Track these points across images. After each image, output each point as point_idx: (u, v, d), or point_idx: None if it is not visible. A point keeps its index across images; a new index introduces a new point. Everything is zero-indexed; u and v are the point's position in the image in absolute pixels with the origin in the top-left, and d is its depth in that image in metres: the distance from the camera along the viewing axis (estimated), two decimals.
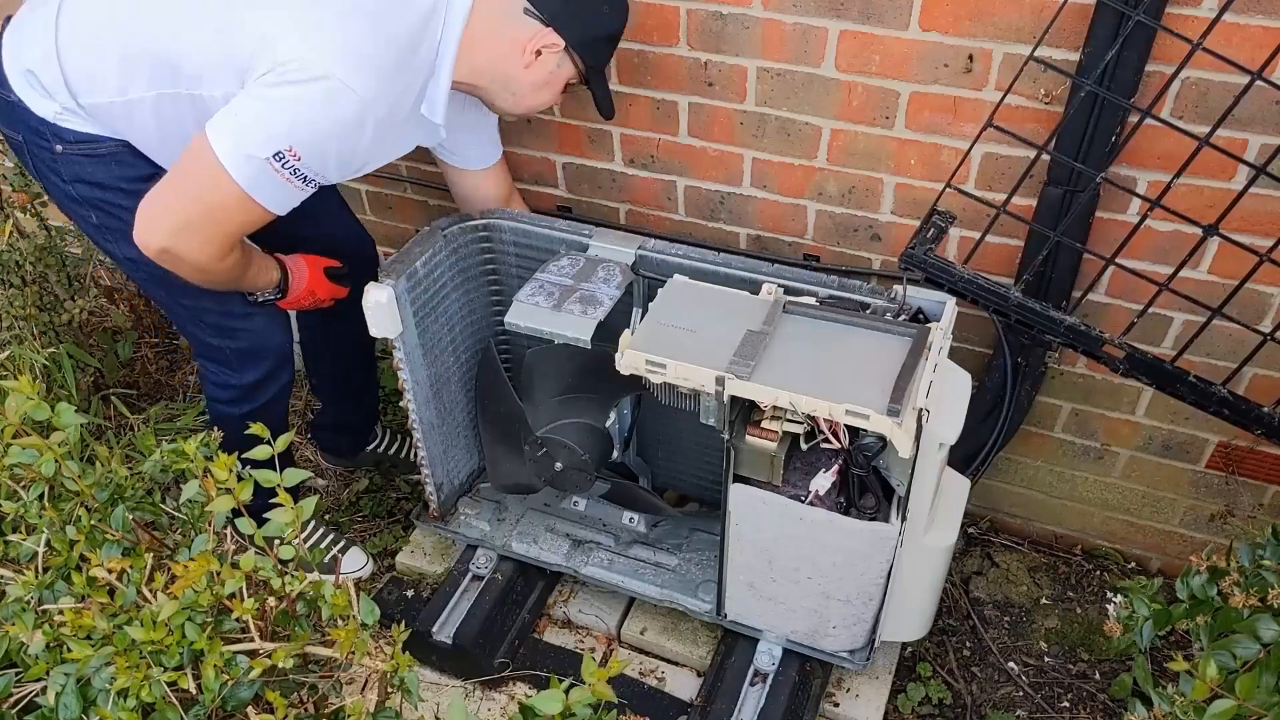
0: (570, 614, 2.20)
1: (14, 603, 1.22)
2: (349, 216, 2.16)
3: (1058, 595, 2.28)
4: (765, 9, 1.81)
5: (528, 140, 2.19)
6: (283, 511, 1.23)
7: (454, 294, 2.00)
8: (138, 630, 1.14)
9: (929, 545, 1.78)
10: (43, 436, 1.30)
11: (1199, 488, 2.14)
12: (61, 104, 1.65)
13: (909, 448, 1.51)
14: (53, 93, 1.64)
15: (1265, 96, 1.58)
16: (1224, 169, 1.67)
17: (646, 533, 2.15)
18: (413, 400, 1.96)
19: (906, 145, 1.87)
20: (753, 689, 1.94)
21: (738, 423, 1.66)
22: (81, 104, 1.64)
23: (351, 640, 1.18)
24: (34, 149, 1.71)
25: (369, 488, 2.55)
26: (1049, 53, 1.66)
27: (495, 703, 2.06)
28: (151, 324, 2.91)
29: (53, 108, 1.65)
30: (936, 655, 2.18)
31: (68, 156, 1.69)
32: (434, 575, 2.28)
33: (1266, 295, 1.81)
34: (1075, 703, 2.09)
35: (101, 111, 1.64)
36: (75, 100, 1.64)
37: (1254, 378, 1.92)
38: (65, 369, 2.45)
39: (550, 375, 2.01)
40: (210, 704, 1.15)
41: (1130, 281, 1.84)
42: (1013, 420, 2.12)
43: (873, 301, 1.73)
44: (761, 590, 1.88)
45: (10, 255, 2.43)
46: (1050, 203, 1.79)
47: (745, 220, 2.11)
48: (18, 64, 1.66)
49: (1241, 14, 1.54)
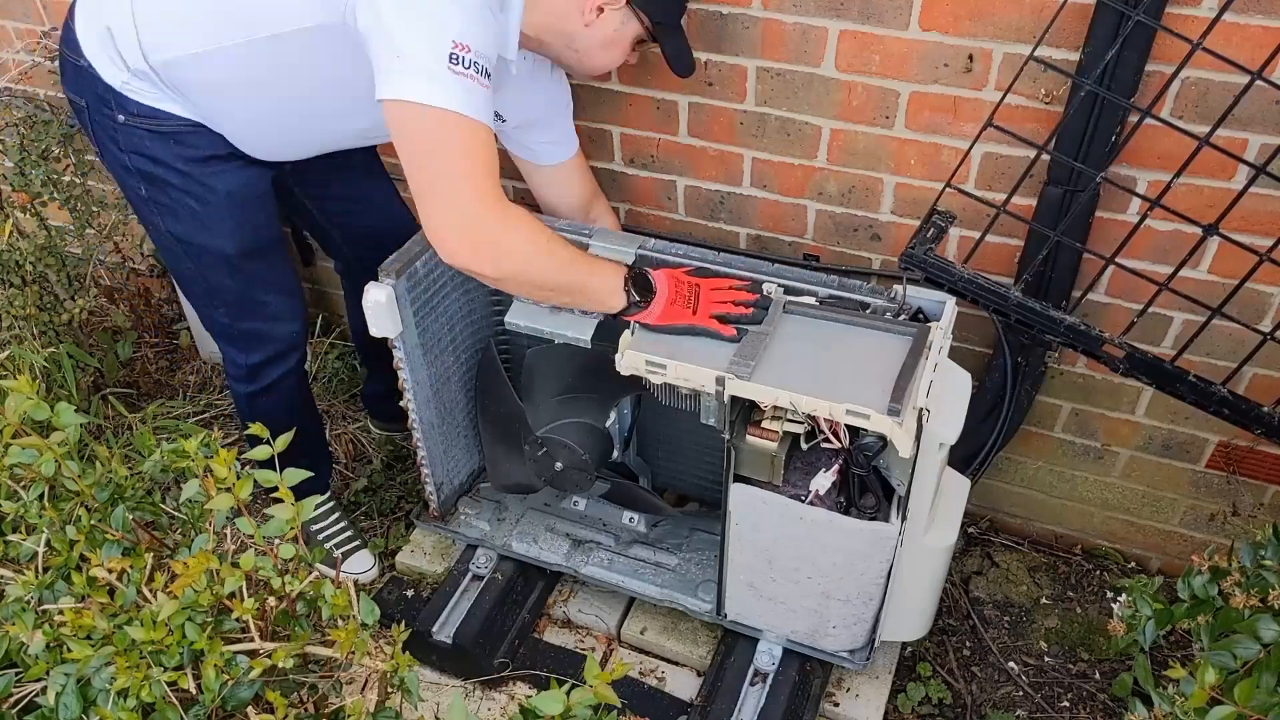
0: (570, 614, 2.20)
1: (14, 603, 1.22)
2: (400, 204, 2.18)
3: (1058, 595, 2.28)
4: (765, 9, 1.81)
5: None
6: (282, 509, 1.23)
7: (454, 294, 2.00)
8: (138, 630, 1.14)
9: (929, 545, 1.78)
10: (42, 436, 1.30)
11: (1199, 487, 2.14)
12: (132, 69, 1.67)
13: (909, 447, 1.51)
14: (125, 55, 1.66)
15: (1265, 96, 1.58)
16: (1224, 169, 1.67)
17: (646, 532, 2.15)
18: (413, 400, 1.96)
19: (906, 145, 1.87)
20: (753, 689, 1.94)
21: (738, 423, 1.66)
22: (152, 63, 1.65)
23: (351, 640, 1.18)
24: (96, 115, 1.74)
25: (368, 487, 2.55)
26: (1049, 53, 1.66)
27: (495, 703, 2.06)
28: (151, 324, 2.91)
29: (121, 77, 1.68)
30: (936, 655, 2.18)
31: (129, 127, 1.72)
32: (434, 575, 2.28)
33: (1266, 295, 1.81)
34: (1075, 703, 2.09)
35: (172, 70, 1.65)
36: (146, 61, 1.65)
37: (1254, 377, 1.92)
38: (65, 369, 2.45)
39: (550, 375, 2.01)
40: (210, 704, 1.15)
41: (1130, 281, 1.84)
42: (1013, 420, 2.12)
43: (873, 301, 1.73)
44: (761, 590, 1.88)
45: (10, 255, 2.43)
46: (1050, 202, 1.79)
47: (745, 220, 2.11)
48: (95, 23, 1.68)
49: (1241, 14, 1.54)
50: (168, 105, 1.70)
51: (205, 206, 1.79)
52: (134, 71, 1.67)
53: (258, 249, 1.89)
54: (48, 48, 2.51)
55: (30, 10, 2.52)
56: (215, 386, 2.82)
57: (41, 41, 2.51)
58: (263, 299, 1.95)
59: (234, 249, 1.85)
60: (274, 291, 1.97)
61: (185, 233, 1.82)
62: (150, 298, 2.91)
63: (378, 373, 2.50)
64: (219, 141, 1.75)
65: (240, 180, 1.80)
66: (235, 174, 1.79)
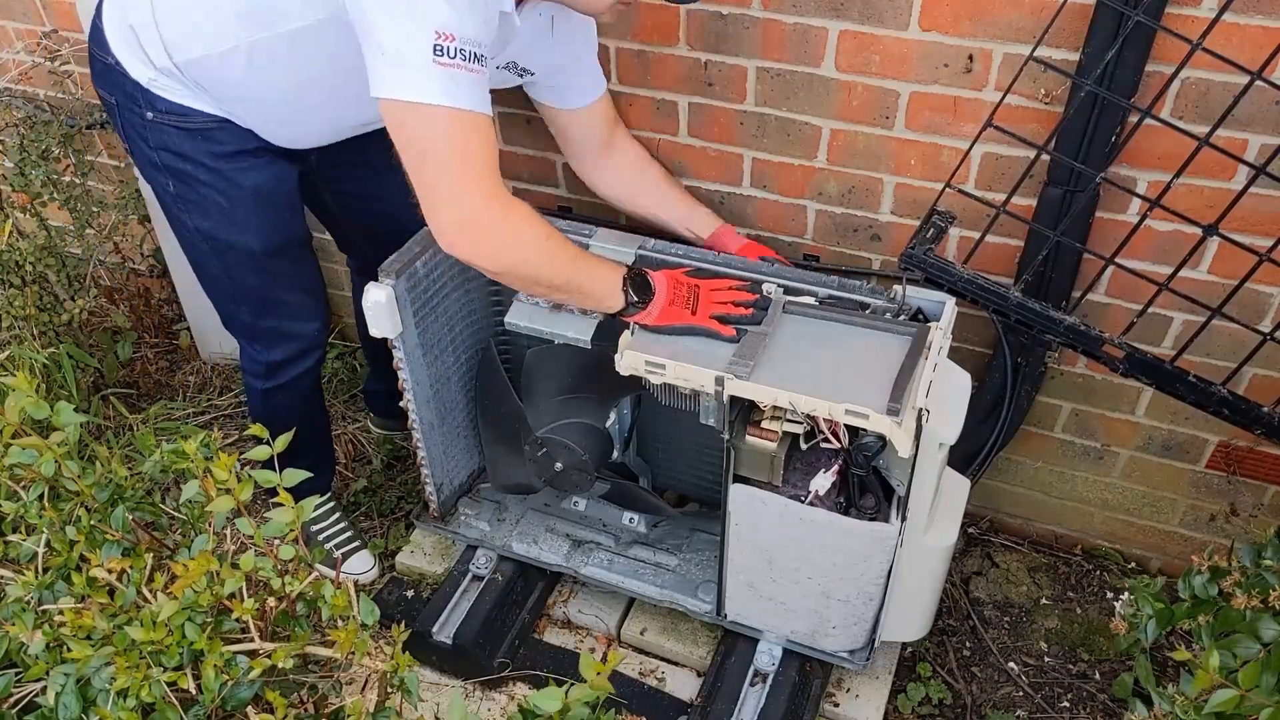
0: (570, 614, 2.20)
1: (14, 603, 1.22)
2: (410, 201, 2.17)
3: (1058, 595, 2.28)
4: (765, 9, 1.81)
5: (528, 140, 2.19)
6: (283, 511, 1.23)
7: (454, 294, 2.00)
8: (138, 630, 1.14)
9: (929, 545, 1.78)
10: (42, 436, 1.30)
11: (1199, 488, 2.14)
12: (158, 67, 1.68)
13: (909, 447, 1.51)
14: (150, 53, 1.67)
15: (1265, 96, 1.58)
16: (1224, 169, 1.67)
17: (646, 533, 2.15)
18: (413, 400, 1.96)
19: (906, 145, 1.87)
20: (753, 689, 1.94)
21: (737, 423, 1.66)
22: (177, 62, 1.66)
23: (351, 640, 1.18)
24: (126, 113, 1.75)
25: (368, 487, 2.55)
26: (1049, 53, 1.66)
27: (495, 703, 2.06)
28: (151, 324, 2.91)
29: (148, 74, 1.69)
30: (936, 655, 2.18)
31: (157, 124, 1.73)
32: (434, 575, 2.28)
33: (1266, 295, 1.81)
34: (1075, 703, 2.09)
35: (196, 69, 1.66)
36: (171, 60, 1.66)
37: (1254, 377, 1.92)
38: (65, 369, 2.45)
39: (550, 375, 2.01)
40: (210, 704, 1.15)
41: (1130, 281, 1.84)
42: (1013, 420, 2.12)
43: (872, 301, 1.73)
44: (761, 590, 1.88)
45: (10, 255, 2.43)
46: (1050, 203, 1.79)
47: (745, 220, 2.11)
48: (120, 22, 1.69)
49: (1241, 14, 1.54)
50: (194, 102, 1.71)
51: (232, 203, 1.80)
52: (160, 69, 1.69)
53: (283, 247, 1.90)
54: (48, 48, 2.51)
55: (30, 10, 2.52)
56: (215, 387, 2.83)
57: (41, 42, 2.51)
58: (285, 298, 1.97)
59: (259, 246, 1.86)
60: (297, 290, 1.98)
61: (212, 229, 1.84)
62: (150, 298, 2.91)
63: (380, 371, 2.50)
64: (246, 136, 1.76)
65: (267, 177, 1.81)
66: (262, 170, 1.80)
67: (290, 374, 2.06)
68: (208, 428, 2.67)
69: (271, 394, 2.08)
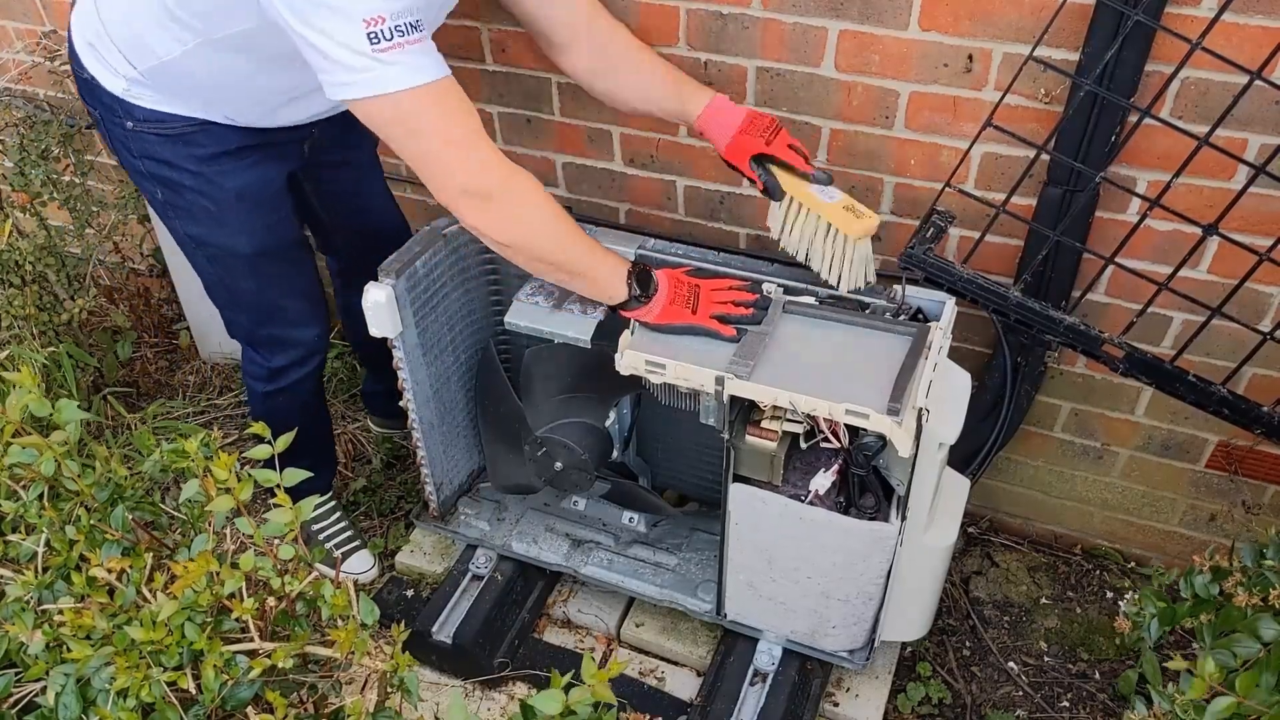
0: (570, 614, 2.20)
1: (14, 603, 1.22)
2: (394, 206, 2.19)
3: (1058, 595, 2.28)
4: (765, 9, 1.81)
5: (527, 140, 2.19)
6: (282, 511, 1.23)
7: (454, 294, 2.00)
8: (137, 630, 1.14)
9: (929, 545, 1.78)
10: (43, 436, 1.30)
11: (1199, 487, 2.14)
12: (126, 77, 1.68)
13: (909, 447, 1.51)
14: (115, 65, 1.68)
15: (1265, 96, 1.58)
16: (1223, 168, 1.67)
17: (646, 532, 2.15)
18: (413, 400, 1.96)
19: (906, 145, 1.87)
20: (752, 689, 1.94)
21: (737, 422, 1.66)
22: (141, 71, 1.66)
23: (351, 640, 1.18)
24: (108, 124, 1.76)
25: (368, 487, 2.55)
26: (1048, 52, 1.66)
27: (495, 703, 2.06)
28: (151, 324, 2.91)
29: (120, 84, 1.69)
30: (936, 655, 2.18)
31: (138, 133, 1.73)
32: (434, 575, 2.28)
33: (1266, 295, 1.81)
34: (1075, 703, 2.09)
35: (160, 74, 1.66)
36: (135, 69, 1.66)
37: (1254, 377, 1.92)
38: (65, 368, 2.45)
39: (550, 375, 2.01)
40: (210, 704, 1.15)
41: (1130, 281, 1.84)
42: (1012, 420, 2.12)
43: (872, 301, 1.73)
44: (761, 590, 1.88)
45: (10, 255, 2.43)
46: (1050, 202, 1.79)
47: (745, 220, 2.11)
48: (81, 39, 1.71)
49: (1241, 14, 1.54)
50: (169, 106, 1.71)
51: (218, 206, 1.80)
52: (129, 79, 1.69)
53: (274, 250, 1.89)
54: (47, 48, 2.51)
55: (30, 10, 2.52)
56: (215, 386, 2.82)
57: (41, 42, 2.51)
58: (283, 303, 1.96)
59: (250, 248, 1.85)
60: (295, 295, 1.97)
61: (202, 234, 1.84)
62: (150, 298, 2.91)
63: (376, 372, 2.51)
64: (227, 138, 1.75)
65: (251, 178, 1.81)
66: (245, 172, 1.80)
67: (291, 378, 2.06)
68: (208, 427, 2.67)
69: (272, 397, 2.08)
